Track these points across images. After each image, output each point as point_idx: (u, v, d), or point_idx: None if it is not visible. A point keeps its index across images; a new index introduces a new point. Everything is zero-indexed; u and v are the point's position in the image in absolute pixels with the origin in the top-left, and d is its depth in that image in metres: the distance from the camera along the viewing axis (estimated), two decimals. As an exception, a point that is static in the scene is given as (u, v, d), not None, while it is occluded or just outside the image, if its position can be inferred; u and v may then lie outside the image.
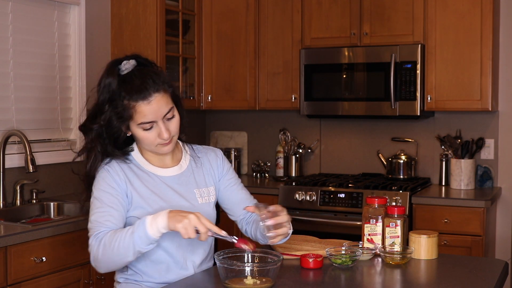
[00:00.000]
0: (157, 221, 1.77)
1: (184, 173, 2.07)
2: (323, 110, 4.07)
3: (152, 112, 1.88)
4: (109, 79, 1.90)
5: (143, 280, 2.00)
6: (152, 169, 2.02)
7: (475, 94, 3.71)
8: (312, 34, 4.10)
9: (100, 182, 1.94)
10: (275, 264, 1.82)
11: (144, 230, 1.77)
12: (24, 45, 3.40)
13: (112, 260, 1.84)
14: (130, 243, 1.79)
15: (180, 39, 4.13)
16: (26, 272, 2.60)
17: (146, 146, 1.97)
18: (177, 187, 2.03)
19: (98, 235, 1.87)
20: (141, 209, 1.95)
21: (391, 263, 2.09)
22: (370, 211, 2.22)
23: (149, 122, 1.90)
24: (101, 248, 1.84)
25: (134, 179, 1.96)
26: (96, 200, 1.92)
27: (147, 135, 1.92)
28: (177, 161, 2.08)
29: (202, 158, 2.14)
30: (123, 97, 1.87)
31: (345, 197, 3.71)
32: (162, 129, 1.91)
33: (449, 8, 3.75)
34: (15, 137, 3.22)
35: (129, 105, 1.87)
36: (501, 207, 4.00)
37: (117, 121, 1.90)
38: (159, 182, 2.00)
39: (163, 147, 1.96)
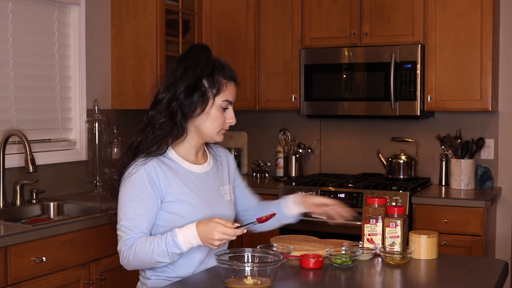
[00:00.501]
0: (191, 242, 1.89)
1: (211, 170, 2.15)
2: (323, 110, 4.07)
3: (235, 93, 2.08)
4: (204, 58, 2.02)
5: (175, 276, 2.04)
6: (187, 165, 2.08)
7: (475, 94, 3.71)
8: (312, 34, 4.10)
9: (134, 184, 1.96)
10: (275, 264, 1.82)
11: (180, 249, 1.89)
12: (24, 45, 3.40)
13: (144, 266, 1.98)
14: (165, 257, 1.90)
15: (180, 39, 4.13)
16: (26, 272, 2.60)
17: (211, 129, 2.05)
18: (208, 183, 2.11)
19: (127, 242, 1.95)
20: (180, 204, 2.00)
21: (391, 263, 2.10)
22: (370, 211, 2.22)
23: (230, 102, 2.06)
24: (131, 255, 1.94)
25: (172, 176, 2.01)
26: (129, 199, 1.96)
27: (221, 116, 2.05)
28: (205, 158, 2.16)
29: (221, 157, 2.24)
30: (218, 73, 2.03)
31: (345, 197, 3.71)
32: (232, 114, 2.08)
33: (449, 8, 3.75)
34: (15, 137, 3.22)
35: (223, 81, 2.04)
36: (501, 207, 4.00)
37: (201, 95, 2.00)
38: (193, 178, 2.07)
39: (222, 134, 2.10)
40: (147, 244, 1.91)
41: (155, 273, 2.06)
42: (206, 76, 2.01)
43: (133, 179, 1.97)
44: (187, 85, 1.99)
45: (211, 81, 2.02)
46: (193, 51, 2.04)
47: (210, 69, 2.02)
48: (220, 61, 2.08)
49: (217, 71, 2.03)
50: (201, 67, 2.00)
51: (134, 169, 1.98)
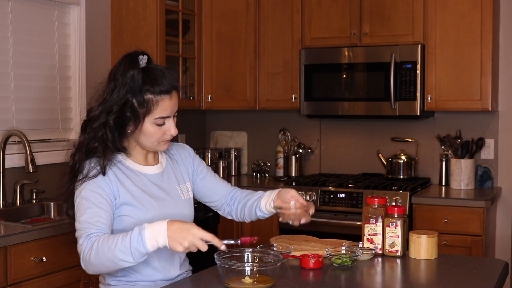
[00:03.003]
0: (157, 240, 1.75)
1: (165, 171, 2.09)
2: (323, 110, 4.07)
3: (171, 107, 1.94)
4: (132, 71, 1.88)
5: (136, 280, 1.99)
6: (138, 167, 2.02)
7: (475, 94, 3.71)
8: (312, 34, 4.10)
9: (89, 183, 1.90)
10: (275, 264, 1.82)
11: (145, 247, 1.75)
12: (24, 45, 3.40)
13: (104, 266, 1.81)
14: (128, 255, 1.76)
15: (180, 39, 4.13)
16: (26, 272, 2.60)
17: (149, 143, 1.97)
18: (162, 184, 2.05)
19: (90, 237, 1.83)
20: (133, 208, 1.94)
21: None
22: (370, 211, 2.22)
23: (165, 117, 1.94)
24: (93, 252, 1.80)
25: (123, 178, 1.96)
26: (84, 200, 1.89)
27: (157, 131, 1.95)
28: (157, 159, 2.10)
29: (175, 155, 2.18)
30: (146, 90, 1.89)
31: (345, 197, 3.71)
32: (172, 126, 1.97)
33: (449, 8, 3.75)
34: (15, 137, 3.22)
35: (152, 99, 1.90)
36: (501, 207, 4.00)
37: (132, 114, 1.89)
38: (145, 180, 2.01)
39: (164, 144, 2.00)
40: (110, 240, 1.77)
41: (115, 278, 1.99)
42: (134, 95, 1.87)
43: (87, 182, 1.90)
44: (116, 108, 1.88)
45: (140, 100, 1.88)
46: (122, 66, 1.90)
47: (138, 87, 1.87)
48: (154, 71, 1.92)
49: (145, 87, 1.88)
50: (128, 87, 1.87)
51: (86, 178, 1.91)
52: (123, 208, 1.95)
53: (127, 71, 1.89)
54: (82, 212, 1.88)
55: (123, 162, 2.00)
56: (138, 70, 1.89)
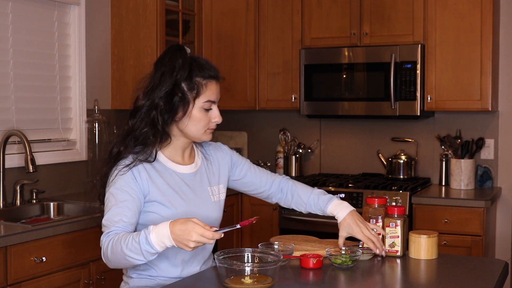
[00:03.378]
0: (164, 242, 1.78)
1: (199, 171, 2.12)
2: (323, 110, 4.07)
3: (217, 92, 2.03)
4: (180, 58, 1.97)
5: (157, 275, 2.02)
6: (173, 166, 2.05)
7: (475, 94, 3.71)
8: (312, 34, 4.10)
9: (118, 180, 1.94)
10: (275, 264, 1.82)
11: (153, 248, 1.78)
12: (24, 45, 3.40)
13: (121, 263, 1.87)
14: (139, 255, 1.80)
15: (180, 39, 4.13)
16: (26, 272, 2.60)
17: (195, 131, 2.02)
18: (193, 184, 2.07)
19: (108, 234, 1.88)
20: (161, 206, 1.97)
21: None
22: (370, 211, 2.22)
23: (212, 102, 2.01)
24: (109, 250, 1.85)
25: (155, 176, 1.99)
26: (112, 196, 1.93)
27: (204, 117, 2.00)
28: (193, 158, 2.13)
29: (211, 156, 2.20)
30: (195, 75, 1.98)
31: (345, 197, 3.71)
32: (217, 112, 2.04)
33: (449, 8, 3.75)
34: (15, 137, 3.22)
35: (201, 82, 1.99)
36: (501, 207, 4.00)
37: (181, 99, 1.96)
38: (178, 179, 2.04)
39: (209, 134, 2.06)
40: (123, 239, 1.82)
41: (137, 271, 2.04)
42: (184, 79, 1.96)
43: (118, 178, 1.94)
44: (166, 91, 1.95)
45: (190, 83, 1.97)
46: (168, 54, 1.99)
47: (187, 71, 1.97)
48: (199, 59, 2.03)
49: (195, 72, 1.98)
50: (178, 71, 1.96)
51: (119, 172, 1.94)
52: (152, 204, 1.98)
53: (175, 58, 1.98)
54: (108, 209, 1.92)
55: (159, 159, 2.02)
56: (186, 57, 1.99)
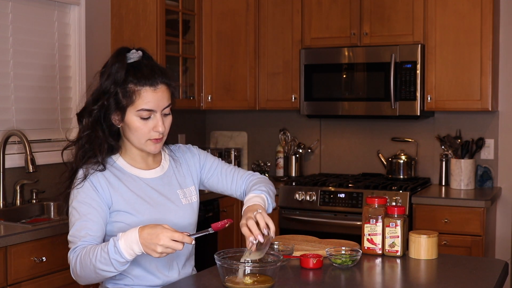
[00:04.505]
0: (133, 249, 1.73)
1: (166, 174, 2.05)
2: (323, 110, 4.07)
3: (155, 100, 1.88)
4: (117, 64, 1.89)
5: (133, 284, 1.96)
6: (136, 171, 1.98)
7: (475, 94, 3.71)
8: (312, 34, 4.10)
9: (79, 193, 1.89)
10: (274, 264, 1.82)
11: (122, 256, 1.73)
12: (24, 45, 3.40)
13: (91, 277, 1.82)
14: (109, 266, 1.75)
15: (180, 39, 4.13)
16: (26, 272, 2.60)
17: (136, 140, 1.93)
18: (161, 188, 2.00)
19: (75, 250, 1.83)
20: (127, 214, 1.91)
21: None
22: (370, 211, 2.22)
23: (149, 110, 1.89)
24: (78, 266, 1.80)
25: (118, 184, 1.93)
26: (75, 210, 1.88)
27: (141, 126, 1.90)
28: (158, 162, 2.06)
29: (180, 158, 2.13)
30: (130, 81, 1.88)
31: (345, 197, 3.71)
32: (159, 122, 1.90)
33: (449, 8, 3.75)
34: (15, 137, 3.22)
35: (134, 89, 1.87)
36: (501, 207, 4.00)
37: (115, 105, 1.88)
38: (143, 185, 1.97)
39: (152, 145, 1.94)
40: (91, 252, 1.76)
41: (112, 281, 1.97)
42: (119, 85, 1.87)
43: (77, 191, 1.89)
44: (103, 98, 1.88)
45: (123, 90, 1.87)
46: (110, 58, 1.92)
47: (122, 76, 1.87)
48: (141, 65, 1.90)
49: (129, 77, 1.87)
50: (113, 76, 1.87)
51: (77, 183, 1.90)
52: (118, 214, 1.92)
53: (113, 64, 1.90)
54: (72, 224, 1.88)
55: (118, 165, 1.97)
56: (122, 63, 1.89)
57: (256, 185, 2.07)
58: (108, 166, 1.95)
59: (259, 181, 2.11)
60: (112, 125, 1.93)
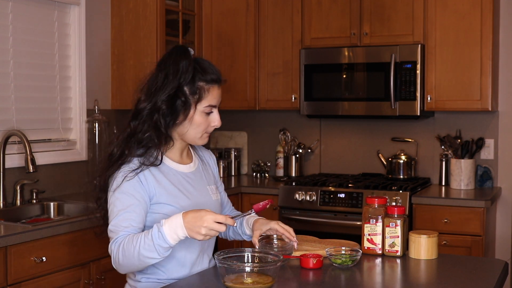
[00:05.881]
0: (177, 233, 1.78)
1: (198, 169, 2.13)
2: (323, 110, 4.07)
3: (219, 96, 2.02)
4: (184, 61, 1.96)
5: (166, 278, 2.01)
6: (173, 165, 2.05)
7: (475, 94, 3.72)
8: (312, 34, 4.10)
9: (123, 184, 1.92)
10: (275, 264, 1.82)
11: (166, 241, 1.78)
12: (24, 45, 3.40)
13: (134, 265, 1.86)
14: (153, 252, 1.79)
15: (180, 39, 4.13)
16: (26, 272, 2.60)
17: (193, 134, 2.01)
18: (195, 183, 2.08)
19: (117, 240, 1.87)
20: (168, 206, 1.96)
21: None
22: (370, 211, 2.22)
23: (214, 106, 2.01)
24: (120, 254, 1.85)
25: (160, 177, 1.98)
26: (119, 201, 1.91)
27: (204, 121, 2.00)
28: (190, 158, 2.14)
29: (205, 158, 2.22)
30: (199, 79, 1.97)
31: (345, 197, 3.71)
32: (217, 116, 2.03)
33: (449, 8, 3.75)
34: (15, 137, 3.22)
35: (204, 86, 1.97)
36: (501, 207, 4.00)
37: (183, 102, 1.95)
38: (180, 178, 2.04)
39: (206, 137, 2.05)
40: (134, 240, 1.82)
41: (145, 275, 2.01)
42: (187, 83, 1.95)
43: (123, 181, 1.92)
44: (169, 94, 1.93)
45: (192, 87, 1.96)
46: (173, 56, 1.98)
47: (191, 74, 1.95)
48: (203, 62, 2.01)
49: (197, 76, 1.97)
50: (181, 74, 1.94)
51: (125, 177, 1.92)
52: (159, 205, 1.96)
53: (179, 60, 1.97)
54: (115, 214, 1.91)
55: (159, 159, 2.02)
56: (190, 60, 1.97)
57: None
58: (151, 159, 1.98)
59: None
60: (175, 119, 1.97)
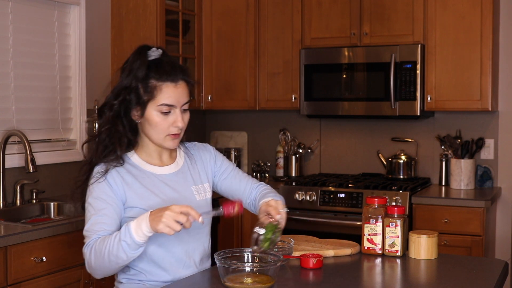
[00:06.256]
0: (141, 227, 1.77)
1: (181, 170, 2.08)
2: (323, 110, 4.07)
3: (176, 95, 1.94)
4: (139, 61, 1.94)
5: (146, 279, 1.99)
6: (150, 168, 2.01)
7: (475, 94, 3.71)
8: (312, 34, 4.10)
9: (94, 189, 1.92)
10: (275, 264, 1.82)
11: (131, 237, 1.77)
12: (24, 45, 3.40)
13: (105, 266, 1.85)
14: (120, 251, 1.79)
15: (180, 39, 4.13)
16: (26, 272, 2.60)
17: (155, 135, 1.97)
18: (175, 184, 2.03)
19: (89, 243, 1.87)
20: (140, 210, 1.94)
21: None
22: (370, 211, 2.22)
23: (169, 105, 1.93)
24: (92, 256, 1.84)
25: (132, 181, 1.95)
26: (90, 206, 1.91)
27: (161, 121, 1.94)
28: (173, 159, 2.09)
29: (195, 156, 2.16)
30: (151, 77, 1.92)
31: (345, 197, 3.71)
32: (178, 117, 1.95)
33: (449, 8, 3.75)
34: (15, 137, 3.22)
35: (156, 84, 1.92)
36: (501, 207, 4.00)
37: (136, 100, 1.92)
38: (157, 181, 2.00)
39: (170, 140, 1.98)
40: (105, 241, 1.81)
41: (126, 276, 2.01)
42: (140, 81, 1.91)
43: (93, 187, 1.92)
44: (124, 93, 1.92)
45: (145, 86, 1.91)
46: (131, 56, 1.97)
47: (144, 72, 1.91)
48: (162, 61, 1.95)
49: (151, 74, 1.92)
50: (135, 72, 1.92)
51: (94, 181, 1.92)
52: (131, 210, 1.94)
53: (133, 60, 1.95)
54: (88, 219, 1.91)
55: (132, 162, 2.00)
56: (144, 59, 1.94)
57: (270, 194, 2.12)
58: (123, 163, 1.97)
59: (271, 191, 2.17)
60: (131, 120, 1.97)
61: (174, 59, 2.02)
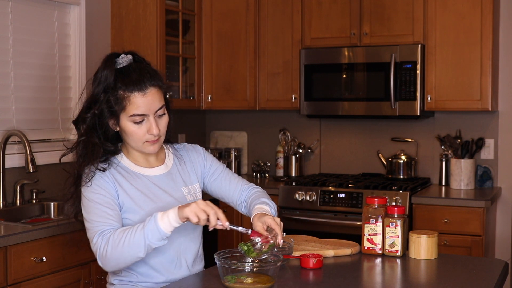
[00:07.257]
0: (168, 215, 1.78)
1: (170, 172, 2.07)
2: (323, 110, 4.07)
3: (146, 104, 1.89)
4: (106, 71, 1.90)
5: (138, 281, 1.98)
6: (139, 169, 2.01)
7: (475, 94, 3.72)
8: (312, 34, 4.10)
9: (90, 190, 1.91)
10: (275, 264, 1.82)
11: (156, 224, 1.78)
12: (24, 45, 3.40)
13: (122, 257, 1.82)
14: (141, 239, 1.78)
15: (180, 39, 4.13)
16: (26, 272, 2.60)
17: (133, 143, 1.96)
18: (165, 186, 2.03)
19: (103, 233, 1.85)
20: (132, 212, 1.94)
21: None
22: (370, 211, 2.22)
23: (141, 115, 1.90)
24: (109, 247, 1.82)
25: (123, 182, 1.95)
26: (90, 201, 1.90)
27: (136, 130, 1.92)
28: (161, 161, 2.08)
29: (184, 157, 2.15)
30: (119, 88, 1.88)
31: (345, 197, 3.71)
32: (152, 124, 1.92)
33: (449, 8, 3.75)
34: (15, 137, 3.22)
35: (124, 95, 1.88)
36: (501, 207, 4.00)
37: (108, 112, 1.90)
38: (147, 182, 2.00)
39: (149, 146, 1.96)
40: (126, 231, 1.81)
41: (118, 277, 2.00)
42: (109, 91, 1.88)
43: (87, 189, 1.91)
44: (95, 106, 1.90)
45: (114, 97, 1.88)
46: (101, 65, 1.93)
47: (112, 83, 1.88)
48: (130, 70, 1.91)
49: (118, 84, 1.88)
50: (103, 85, 1.89)
51: (87, 181, 1.91)
52: (124, 210, 1.94)
53: (102, 70, 1.92)
54: (90, 211, 1.89)
55: (123, 164, 1.99)
56: (111, 69, 1.90)
57: (260, 198, 2.10)
58: (114, 165, 1.97)
59: (261, 195, 2.14)
60: (108, 130, 1.95)
61: (143, 65, 1.96)
